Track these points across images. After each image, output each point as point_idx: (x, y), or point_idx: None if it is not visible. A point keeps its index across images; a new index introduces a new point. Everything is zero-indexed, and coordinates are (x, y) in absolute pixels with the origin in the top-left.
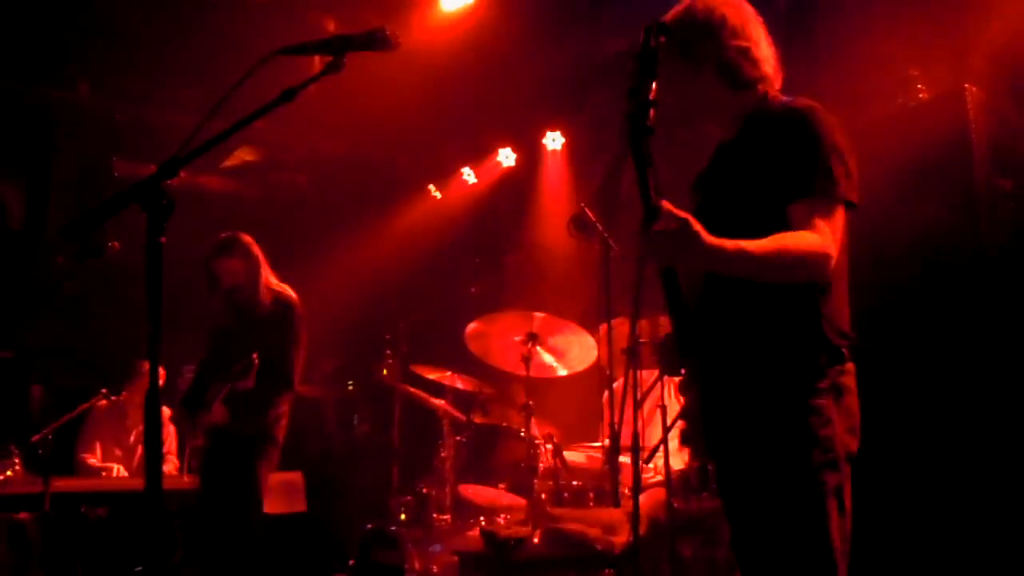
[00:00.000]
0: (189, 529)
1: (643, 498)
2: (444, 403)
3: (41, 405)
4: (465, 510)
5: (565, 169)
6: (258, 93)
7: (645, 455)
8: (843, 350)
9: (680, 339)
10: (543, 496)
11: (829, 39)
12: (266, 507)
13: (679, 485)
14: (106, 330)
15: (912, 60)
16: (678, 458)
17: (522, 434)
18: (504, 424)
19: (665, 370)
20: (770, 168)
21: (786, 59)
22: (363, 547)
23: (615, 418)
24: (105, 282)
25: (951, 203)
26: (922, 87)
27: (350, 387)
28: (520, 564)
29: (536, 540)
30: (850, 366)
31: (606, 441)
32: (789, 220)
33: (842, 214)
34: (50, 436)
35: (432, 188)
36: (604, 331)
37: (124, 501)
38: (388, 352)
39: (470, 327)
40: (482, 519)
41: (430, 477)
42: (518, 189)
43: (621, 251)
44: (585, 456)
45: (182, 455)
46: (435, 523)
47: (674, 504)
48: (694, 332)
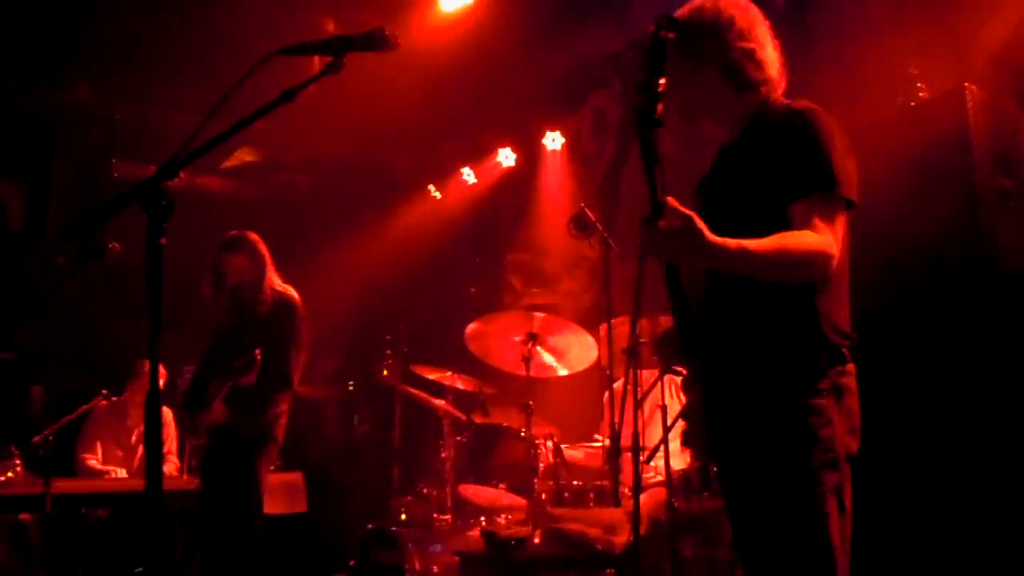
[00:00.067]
0: (189, 529)
1: (644, 498)
2: (444, 403)
3: (42, 406)
4: (465, 510)
5: (565, 169)
6: (258, 93)
7: (645, 455)
8: (843, 350)
9: (683, 338)
10: (543, 496)
11: (828, 38)
12: (266, 507)
13: (680, 485)
14: (106, 331)
15: (912, 59)
16: (680, 459)
17: (522, 434)
18: (504, 424)
19: (664, 364)
20: (771, 169)
21: (785, 58)
22: (363, 547)
23: (615, 418)
24: (105, 283)
25: (951, 203)
26: (922, 86)
27: (350, 387)
28: (520, 564)
29: (537, 540)
30: (851, 367)
31: (606, 441)
32: (790, 220)
33: (842, 214)
34: (51, 437)
35: (432, 188)
36: (604, 331)
37: (125, 502)
38: (388, 352)
39: (470, 327)
40: (482, 519)
41: (430, 477)
42: (518, 189)
43: (621, 250)
44: (583, 453)
45: (182, 455)
46: (435, 523)
47: (675, 504)
48: (697, 331)
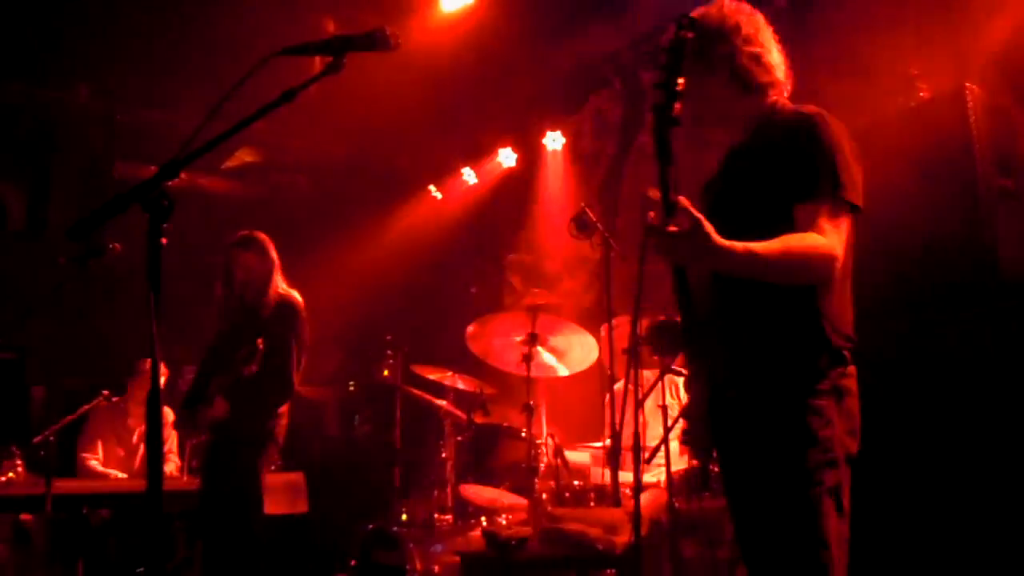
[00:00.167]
0: (190, 529)
1: (644, 498)
2: (445, 403)
3: (42, 406)
4: (466, 510)
5: (565, 169)
6: (258, 94)
7: (646, 455)
8: (845, 352)
9: (687, 339)
10: (544, 496)
11: (829, 38)
12: (267, 507)
13: (680, 485)
14: (107, 330)
15: (912, 59)
16: (683, 460)
17: (523, 434)
18: (505, 424)
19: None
20: (778, 171)
21: (786, 59)
22: (364, 547)
23: (616, 419)
24: (106, 283)
25: (952, 203)
26: (923, 87)
27: (351, 387)
28: (521, 564)
29: (537, 540)
30: (851, 369)
31: (607, 441)
32: (795, 222)
33: (847, 217)
34: (52, 437)
35: (432, 188)
36: (605, 331)
37: (126, 502)
38: (389, 352)
39: (471, 327)
40: (483, 519)
41: (431, 477)
42: (518, 189)
43: (621, 250)
44: (591, 456)
45: (183, 454)
46: (436, 523)
47: (675, 504)
48: (701, 332)
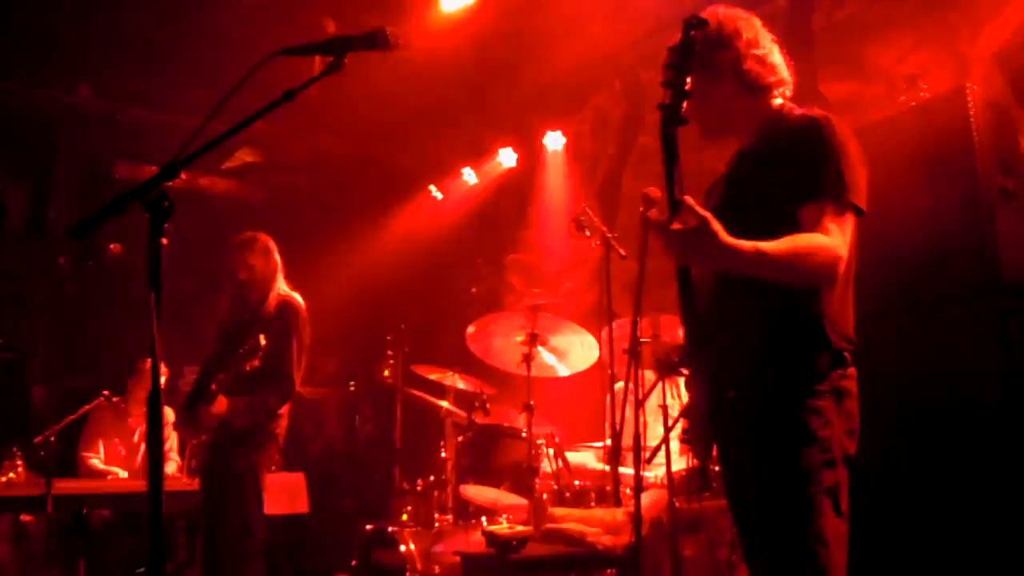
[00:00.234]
0: (190, 529)
1: (645, 498)
2: (446, 403)
3: (43, 406)
4: (467, 510)
5: (565, 169)
6: (259, 94)
7: (647, 455)
8: (845, 354)
9: (689, 338)
10: (545, 496)
11: (829, 38)
12: (268, 507)
13: (681, 485)
14: (107, 330)
15: (912, 59)
16: (683, 459)
17: (523, 434)
18: (506, 424)
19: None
20: (785, 172)
21: (786, 59)
22: (365, 547)
23: (617, 419)
24: (106, 283)
25: (952, 202)
26: (923, 86)
27: (352, 388)
28: (522, 564)
29: (538, 540)
30: (852, 370)
31: (608, 441)
32: (800, 222)
33: (852, 219)
34: (52, 437)
35: (432, 188)
36: (606, 332)
37: (126, 503)
38: (390, 352)
39: (471, 327)
40: (484, 519)
41: (432, 477)
42: (518, 189)
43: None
44: (594, 455)
45: (183, 454)
46: (437, 523)
47: (676, 504)
48: (703, 332)
